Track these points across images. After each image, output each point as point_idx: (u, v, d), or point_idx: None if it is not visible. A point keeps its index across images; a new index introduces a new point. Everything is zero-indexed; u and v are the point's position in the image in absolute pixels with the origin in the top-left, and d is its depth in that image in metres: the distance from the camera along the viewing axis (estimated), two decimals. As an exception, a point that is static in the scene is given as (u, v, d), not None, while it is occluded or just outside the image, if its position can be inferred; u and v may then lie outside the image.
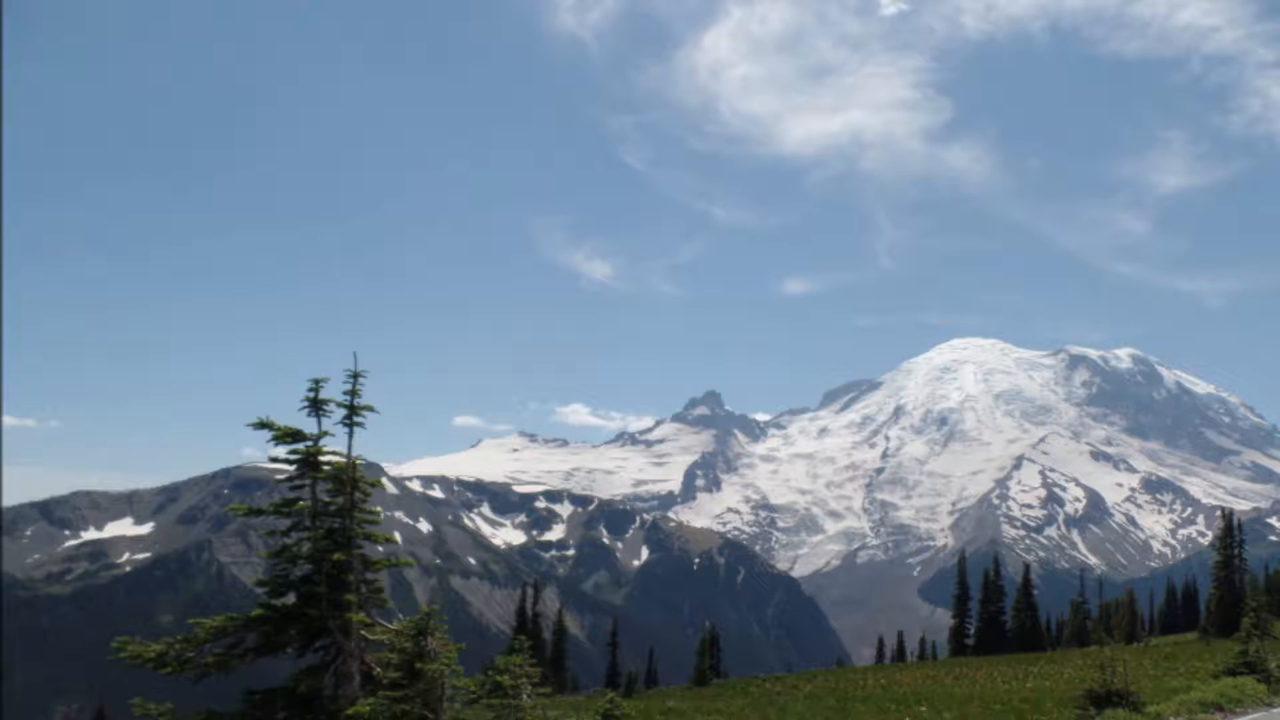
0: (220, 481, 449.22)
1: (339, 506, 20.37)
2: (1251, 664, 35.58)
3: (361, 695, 19.43)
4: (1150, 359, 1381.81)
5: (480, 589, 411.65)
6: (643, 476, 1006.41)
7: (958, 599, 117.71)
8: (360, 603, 20.23)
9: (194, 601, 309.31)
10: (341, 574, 20.00)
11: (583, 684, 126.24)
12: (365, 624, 20.31)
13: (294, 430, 20.26)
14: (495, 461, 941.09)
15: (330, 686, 19.41)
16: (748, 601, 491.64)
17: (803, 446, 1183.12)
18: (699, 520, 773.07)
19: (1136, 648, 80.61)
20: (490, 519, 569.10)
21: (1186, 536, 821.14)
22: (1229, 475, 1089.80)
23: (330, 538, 20.06)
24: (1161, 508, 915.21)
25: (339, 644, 19.67)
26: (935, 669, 71.42)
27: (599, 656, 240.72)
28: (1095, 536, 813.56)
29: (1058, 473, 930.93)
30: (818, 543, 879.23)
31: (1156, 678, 43.81)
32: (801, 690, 56.77)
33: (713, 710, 48.75)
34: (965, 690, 47.97)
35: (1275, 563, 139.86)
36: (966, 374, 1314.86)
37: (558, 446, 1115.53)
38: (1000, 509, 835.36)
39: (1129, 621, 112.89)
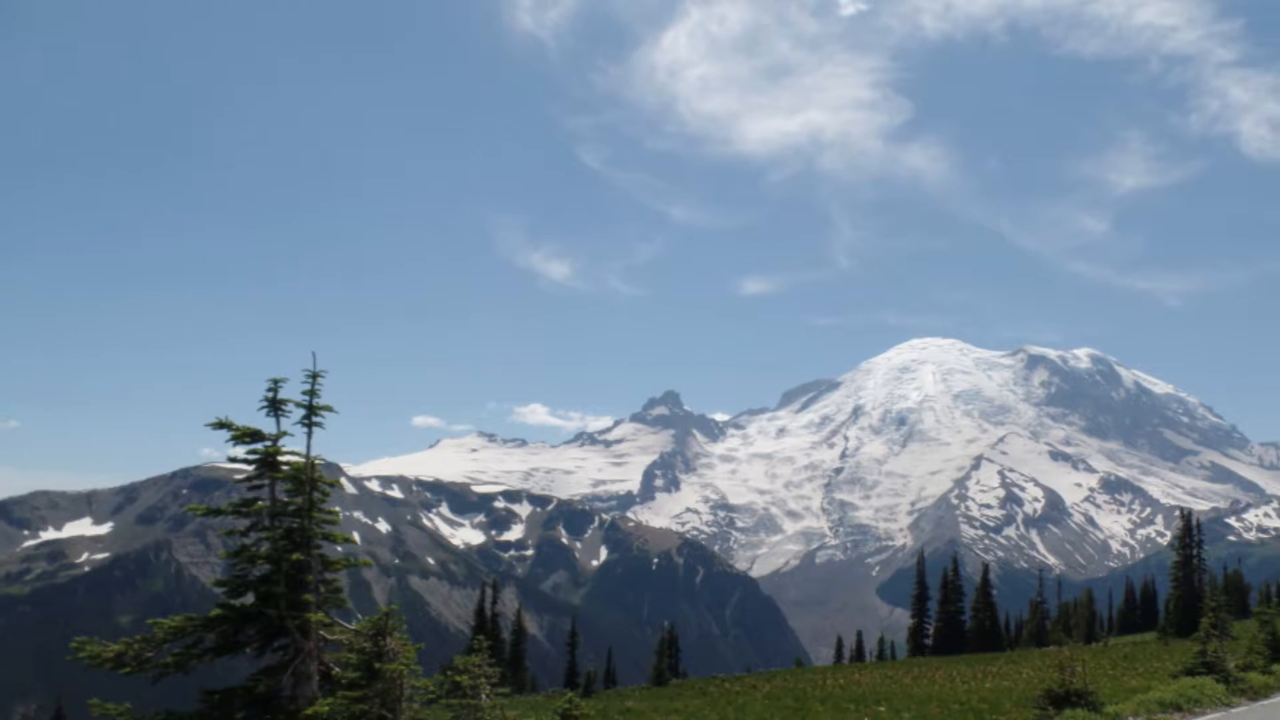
0: (179, 481, 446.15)
1: (297, 506, 20.33)
2: (1210, 664, 35.70)
3: (320, 695, 19.41)
4: (1109, 359, 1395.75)
5: (439, 589, 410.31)
6: (601, 476, 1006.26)
7: (916, 599, 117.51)
8: (319, 603, 20.21)
9: (153, 601, 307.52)
10: (300, 574, 19.98)
11: (541, 684, 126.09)
12: (324, 624, 20.29)
13: (253, 430, 20.22)
14: (454, 461, 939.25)
15: (289, 686, 19.39)
16: (706, 601, 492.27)
17: (761, 446, 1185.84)
18: (658, 520, 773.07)
19: (1095, 648, 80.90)
20: (449, 519, 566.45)
21: (1145, 536, 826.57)
22: (1188, 475, 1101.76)
23: (289, 538, 20.04)
24: (1120, 508, 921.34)
25: (297, 644, 19.65)
26: (894, 669, 71.75)
27: (558, 656, 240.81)
28: (1054, 536, 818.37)
29: (1016, 473, 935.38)
30: (776, 543, 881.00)
31: (1115, 678, 43.95)
32: (760, 690, 56.94)
33: (671, 710, 48.80)
34: (924, 690, 48.14)
35: (1234, 563, 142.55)
36: (925, 374, 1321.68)
37: (516, 447, 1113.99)
38: (959, 509, 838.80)
39: (1088, 621, 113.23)
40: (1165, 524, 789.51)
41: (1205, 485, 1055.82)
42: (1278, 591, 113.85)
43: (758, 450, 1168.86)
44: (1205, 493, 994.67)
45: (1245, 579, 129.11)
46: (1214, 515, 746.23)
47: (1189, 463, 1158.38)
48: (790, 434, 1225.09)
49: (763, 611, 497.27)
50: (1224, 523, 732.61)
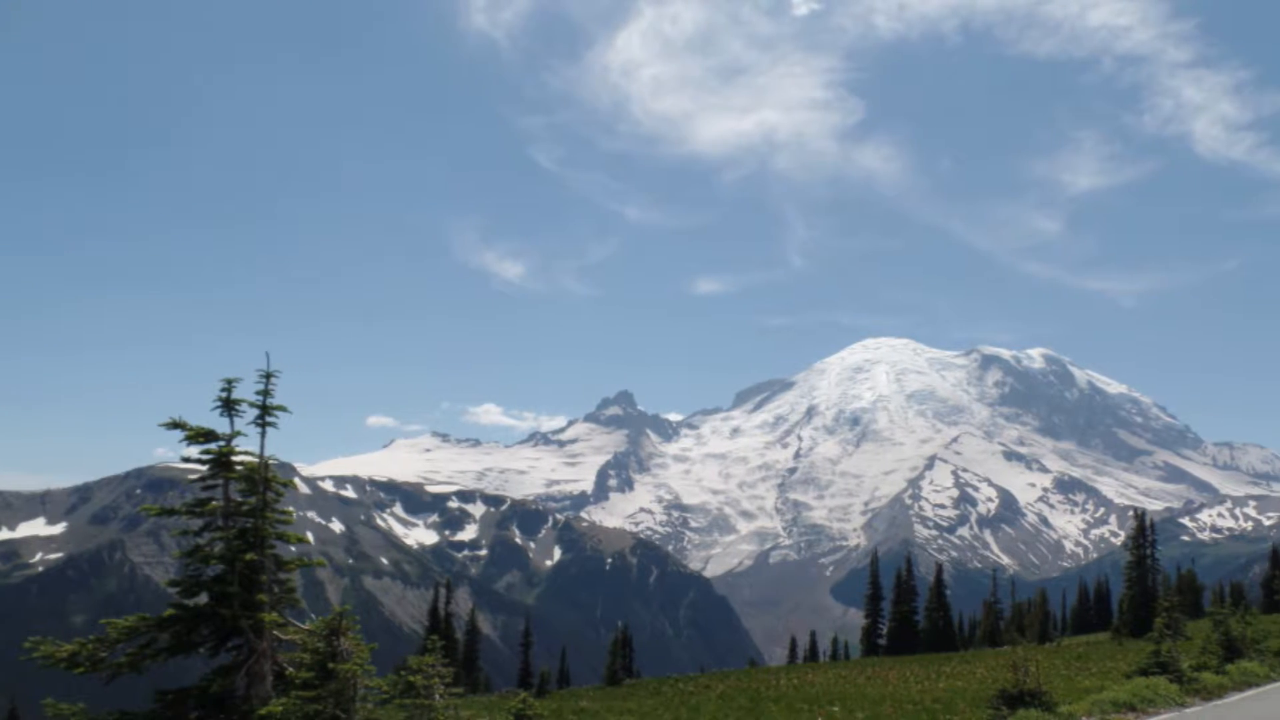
0: (133, 481, 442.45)
1: (251, 506, 20.33)
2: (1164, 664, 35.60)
3: (274, 695, 19.42)
4: (1062, 359, 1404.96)
5: (393, 589, 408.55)
6: (555, 476, 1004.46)
7: (870, 599, 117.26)
8: (273, 603, 20.22)
9: (106, 601, 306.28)
10: (254, 574, 19.98)
11: (495, 684, 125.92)
12: (278, 624, 20.30)
13: (206, 430, 20.20)
14: (408, 461, 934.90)
15: (242, 686, 19.39)
16: (660, 601, 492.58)
17: (715, 446, 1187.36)
18: (611, 520, 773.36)
19: (1049, 648, 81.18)
20: (403, 519, 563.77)
21: (1099, 536, 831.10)
22: (1141, 475, 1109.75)
23: (243, 538, 20.04)
24: (1074, 508, 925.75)
25: (251, 644, 19.65)
26: (848, 669, 72.09)
27: (511, 656, 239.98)
28: (1008, 536, 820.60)
29: (970, 473, 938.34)
30: (730, 543, 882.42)
31: (1069, 678, 44.06)
32: (714, 690, 57.09)
33: (625, 710, 48.86)
34: (878, 690, 48.34)
35: (1188, 563, 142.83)
36: (879, 374, 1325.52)
37: (470, 447, 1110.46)
38: (913, 509, 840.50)
39: (1041, 621, 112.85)
40: (1119, 524, 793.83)
41: (1159, 485, 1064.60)
42: (1231, 592, 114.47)
43: (711, 450, 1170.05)
44: (1159, 493, 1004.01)
45: (1199, 579, 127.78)
46: (1168, 515, 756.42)
47: (1142, 463, 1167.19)
48: (744, 434, 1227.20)
49: (716, 611, 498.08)
50: (1178, 523, 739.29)
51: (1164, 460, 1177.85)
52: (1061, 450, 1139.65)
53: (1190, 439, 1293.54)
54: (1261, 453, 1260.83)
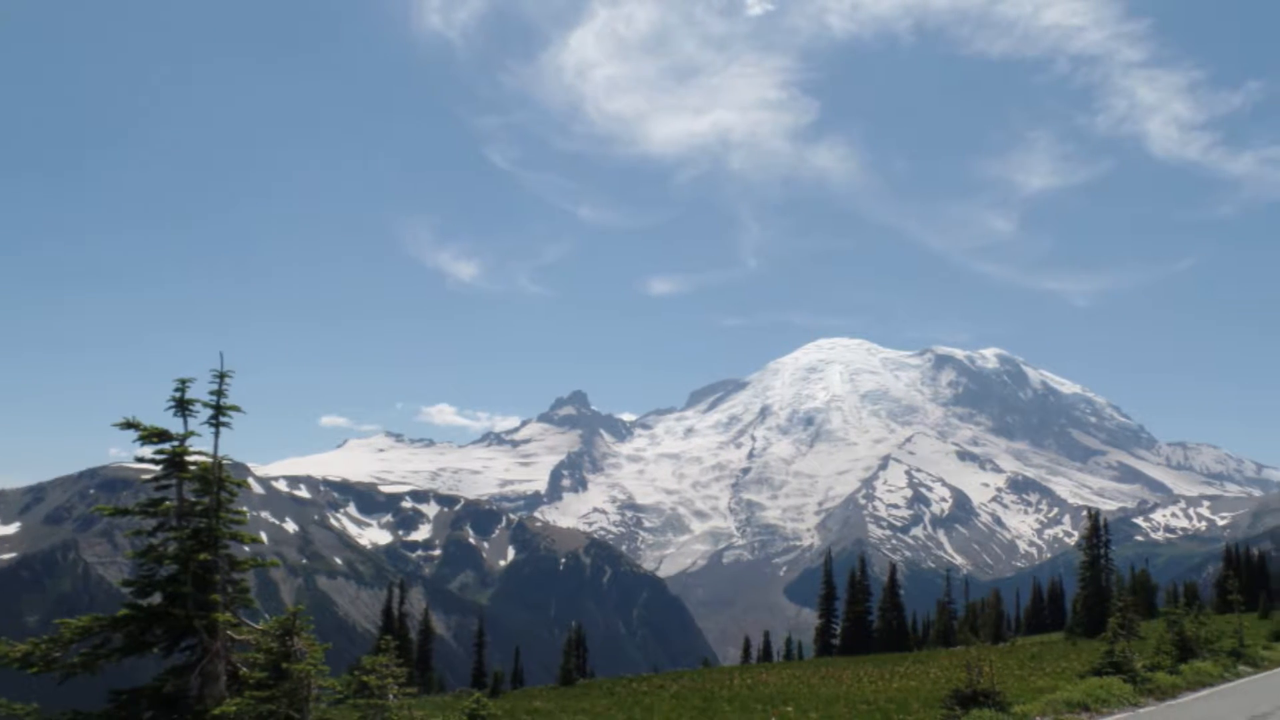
0: (86, 481, 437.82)
1: (205, 506, 20.31)
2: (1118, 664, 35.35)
3: (227, 695, 19.40)
4: (1016, 359, 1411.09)
5: (346, 589, 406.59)
6: (509, 476, 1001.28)
7: (823, 599, 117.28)
8: (226, 603, 20.19)
9: (60, 601, 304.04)
10: (207, 574, 19.95)
11: (449, 684, 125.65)
12: (231, 624, 20.28)
13: (160, 430, 20.15)
14: (361, 461, 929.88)
15: (196, 686, 19.35)
16: (614, 601, 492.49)
17: (669, 446, 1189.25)
18: (565, 520, 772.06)
19: (1002, 648, 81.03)
20: (356, 519, 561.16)
21: (1052, 536, 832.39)
22: (1095, 475, 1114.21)
23: (196, 538, 20.00)
24: (1027, 508, 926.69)
25: (205, 644, 19.61)
26: (801, 669, 72.33)
27: (465, 656, 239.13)
28: (961, 536, 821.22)
29: (924, 473, 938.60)
30: (684, 543, 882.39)
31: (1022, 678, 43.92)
32: (667, 690, 57.17)
33: (578, 710, 48.84)
34: (831, 690, 48.46)
35: (1142, 563, 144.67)
36: (833, 374, 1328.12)
37: (424, 447, 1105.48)
38: (866, 509, 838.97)
39: (995, 621, 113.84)
40: (1073, 524, 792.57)
41: (1113, 485, 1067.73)
42: (1185, 592, 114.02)
43: (665, 450, 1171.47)
44: (1113, 493, 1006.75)
45: (1153, 579, 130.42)
46: (1121, 515, 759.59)
47: (1096, 463, 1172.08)
48: (698, 434, 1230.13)
49: (670, 611, 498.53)
50: (1131, 523, 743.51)
51: (1118, 460, 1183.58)
52: (1015, 450, 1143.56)
53: (1144, 439, 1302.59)
54: (1215, 453, 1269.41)
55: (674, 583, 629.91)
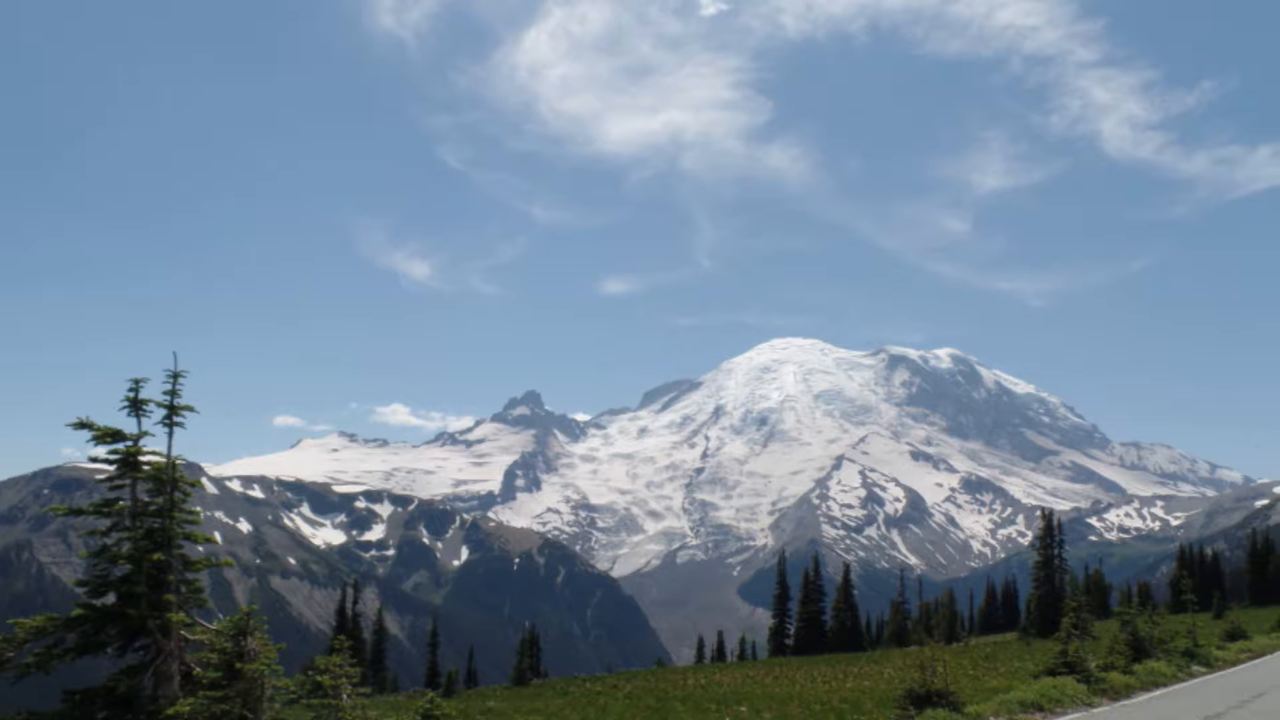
0: (40, 481, 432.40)
1: (159, 506, 20.27)
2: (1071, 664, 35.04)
3: (181, 695, 19.36)
4: (970, 359, 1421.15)
5: (300, 589, 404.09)
6: (462, 476, 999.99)
7: (777, 599, 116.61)
8: (180, 603, 20.16)
9: (14, 601, 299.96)
10: (161, 574, 19.91)
11: (403, 684, 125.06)
12: (185, 624, 20.24)
13: (114, 430, 20.10)
14: (315, 461, 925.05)
15: (150, 686, 19.31)
16: (567, 601, 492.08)
17: (622, 446, 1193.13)
18: (519, 520, 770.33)
19: (956, 648, 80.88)
20: (310, 519, 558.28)
21: (1006, 536, 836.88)
22: (1049, 475, 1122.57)
23: (150, 538, 19.95)
24: (981, 508, 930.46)
25: (159, 644, 19.57)
26: (755, 669, 72.37)
27: (419, 656, 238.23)
28: (915, 536, 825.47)
29: (878, 473, 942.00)
30: (638, 543, 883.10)
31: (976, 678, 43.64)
32: (621, 690, 57.14)
33: (532, 710, 48.70)
34: (785, 690, 48.42)
35: (1095, 563, 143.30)
36: (786, 374, 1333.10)
37: (377, 447, 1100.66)
38: (820, 509, 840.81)
39: (949, 621, 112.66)
40: (1026, 524, 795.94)
41: (1066, 485, 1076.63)
42: (1139, 591, 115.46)
43: (619, 450, 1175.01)
44: (1066, 493, 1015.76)
45: (1106, 579, 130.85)
46: (1075, 515, 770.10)
47: (1050, 463, 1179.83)
48: (651, 434, 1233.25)
49: (624, 611, 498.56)
50: (1085, 523, 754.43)
51: (1071, 460, 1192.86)
52: (969, 450, 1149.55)
53: (1098, 439, 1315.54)
54: (1169, 453, 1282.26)
55: (628, 583, 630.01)
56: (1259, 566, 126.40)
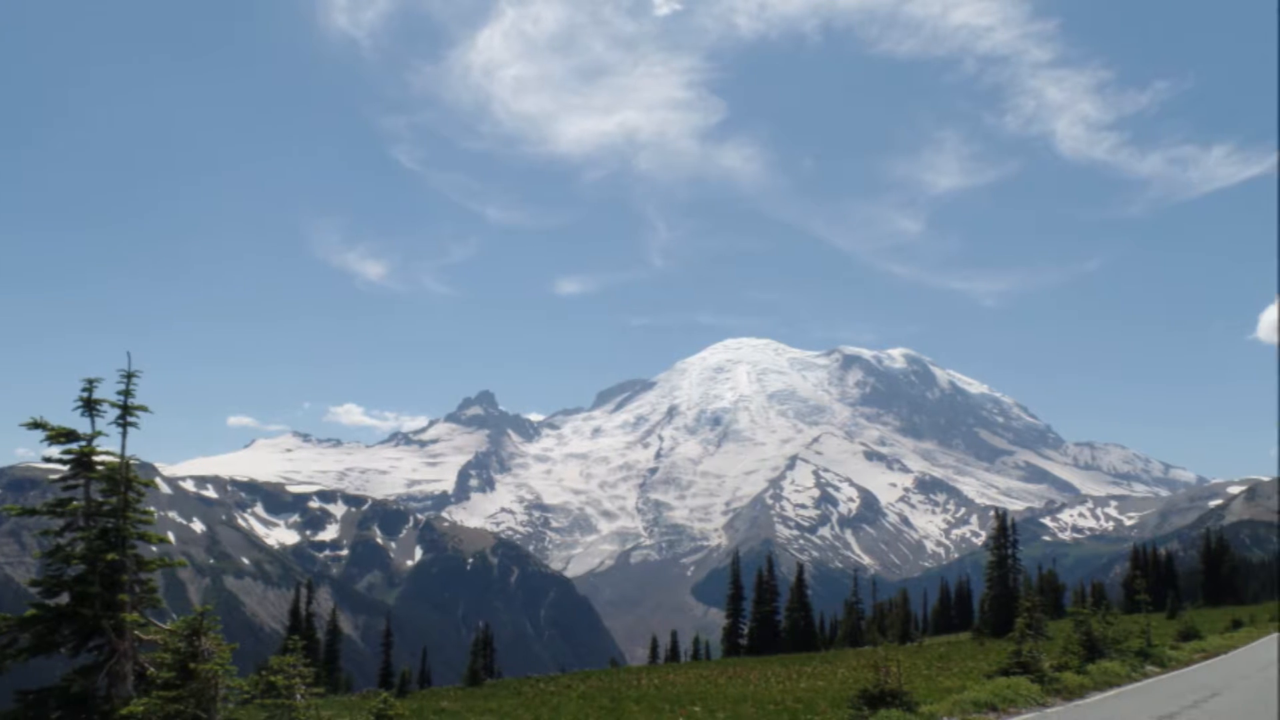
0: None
1: (112, 507, 20.25)
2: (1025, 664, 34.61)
3: (135, 695, 19.34)
4: (924, 359, 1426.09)
5: (254, 589, 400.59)
6: (416, 476, 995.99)
7: (731, 599, 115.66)
8: (134, 603, 20.14)
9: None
10: (115, 574, 19.88)
11: (356, 684, 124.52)
12: (139, 624, 20.21)
13: (67, 430, 20.05)
14: (268, 461, 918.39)
15: (104, 686, 19.27)
16: (521, 601, 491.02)
17: (576, 446, 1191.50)
18: (473, 520, 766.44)
19: (910, 648, 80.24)
20: (264, 519, 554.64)
21: (960, 536, 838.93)
22: (1002, 475, 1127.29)
23: (104, 538, 19.92)
24: (935, 508, 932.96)
25: (113, 644, 19.54)
26: (709, 669, 72.36)
27: (373, 656, 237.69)
28: (869, 537, 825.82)
29: (831, 473, 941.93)
30: (591, 543, 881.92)
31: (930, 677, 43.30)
32: (575, 690, 57.09)
33: (486, 710, 48.37)
34: (738, 690, 48.28)
35: (1049, 563, 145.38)
36: (740, 374, 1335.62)
37: (331, 447, 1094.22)
38: (774, 509, 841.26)
39: (902, 621, 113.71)
40: (980, 524, 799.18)
41: (1020, 485, 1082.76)
42: (1093, 591, 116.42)
43: (573, 450, 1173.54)
44: (1020, 492, 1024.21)
45: (1060, 579, 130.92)
46: (1029, 515, 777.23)
47: (1004, 462, 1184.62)
48: (605, 434, 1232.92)
49: (577, 611, 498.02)
50: (1039, 523, 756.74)
51: (1025, 460, 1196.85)
52: (923, 450, 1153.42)
53: (1051, 439, 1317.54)
54: (1122, 453, 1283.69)
55: (581, 583, 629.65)
56: (1212, 567, 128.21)
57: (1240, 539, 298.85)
